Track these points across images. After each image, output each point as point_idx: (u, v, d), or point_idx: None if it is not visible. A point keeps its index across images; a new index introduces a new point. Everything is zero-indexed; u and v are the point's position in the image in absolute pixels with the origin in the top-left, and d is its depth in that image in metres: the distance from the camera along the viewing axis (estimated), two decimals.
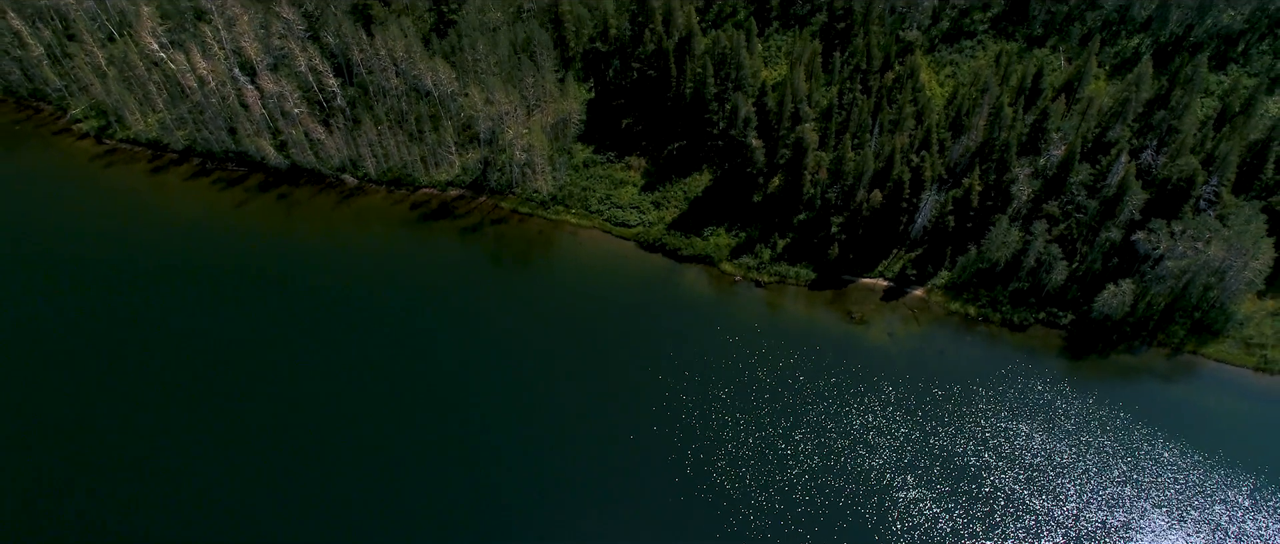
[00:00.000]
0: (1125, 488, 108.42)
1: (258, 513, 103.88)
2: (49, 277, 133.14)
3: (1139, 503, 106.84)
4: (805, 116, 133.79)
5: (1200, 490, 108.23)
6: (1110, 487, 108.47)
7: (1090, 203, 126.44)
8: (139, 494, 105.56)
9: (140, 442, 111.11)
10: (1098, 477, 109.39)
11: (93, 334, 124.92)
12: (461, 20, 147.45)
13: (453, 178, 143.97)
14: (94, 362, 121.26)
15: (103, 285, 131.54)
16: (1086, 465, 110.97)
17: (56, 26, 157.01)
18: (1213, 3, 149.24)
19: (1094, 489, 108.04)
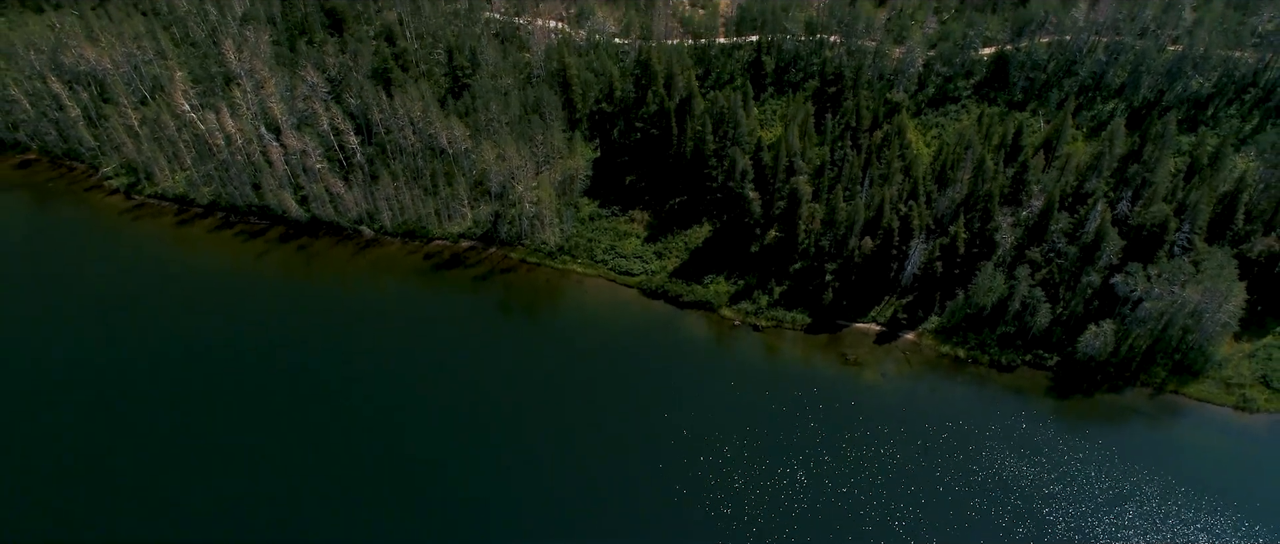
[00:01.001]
0: (1110, 518, 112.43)
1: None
2: (75, 317, 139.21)
3: (1124, 532, 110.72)
4: (799, 170, 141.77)
5: (1184, 521, 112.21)
6: (1096, 518, 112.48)
7: (1070, 249, 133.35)
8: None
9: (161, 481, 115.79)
10: (1084, 508, 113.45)
11: (115, 375, 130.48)
12: (475, 84, 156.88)
13: (465, 230, 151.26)
14: (115, 399, 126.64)
15: (126, 327, 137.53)
16: (1073, 497, 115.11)
17: (93, 91, 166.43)
18: (1181, 71, 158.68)
19: (1080, 518, 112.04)
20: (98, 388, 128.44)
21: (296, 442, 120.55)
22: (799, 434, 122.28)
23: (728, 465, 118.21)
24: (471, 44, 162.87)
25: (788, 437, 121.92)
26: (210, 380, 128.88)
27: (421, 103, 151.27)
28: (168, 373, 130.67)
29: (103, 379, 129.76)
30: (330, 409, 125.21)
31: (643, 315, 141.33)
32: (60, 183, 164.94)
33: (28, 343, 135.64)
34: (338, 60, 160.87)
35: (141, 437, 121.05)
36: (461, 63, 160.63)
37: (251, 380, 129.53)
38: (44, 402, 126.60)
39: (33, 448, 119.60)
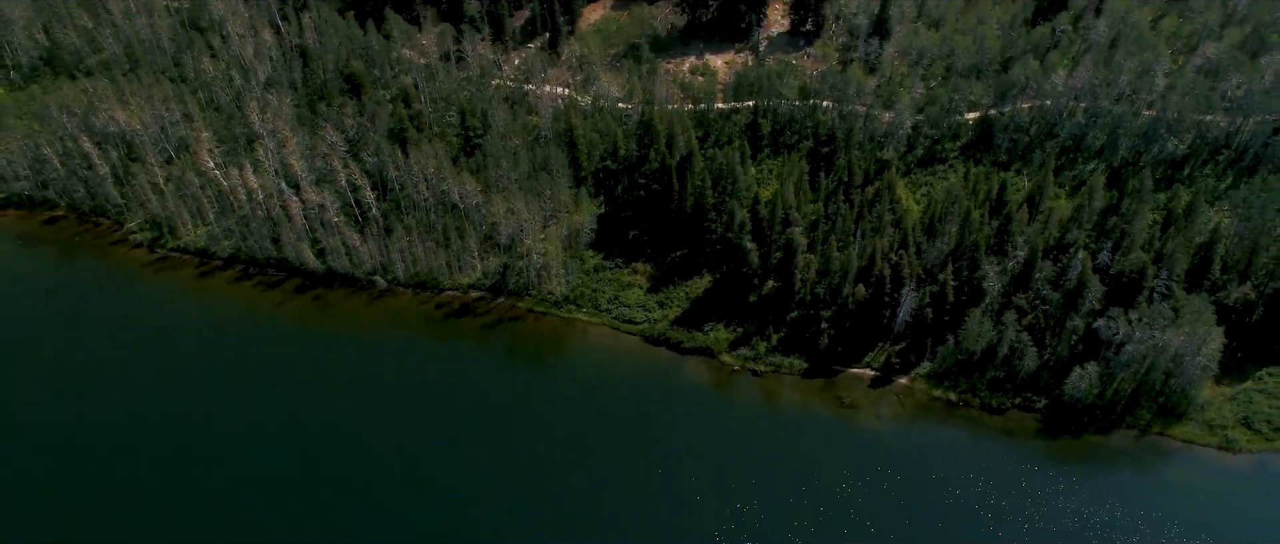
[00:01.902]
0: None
1: None
2: (92, 363, 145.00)
3: None
4: (795, 222, 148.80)
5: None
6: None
7: (1054, 296, 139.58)
8: None
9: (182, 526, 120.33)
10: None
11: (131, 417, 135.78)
12: (486, 143, 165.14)
13: (474, 281, 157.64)
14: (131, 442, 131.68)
15: (144, 372, 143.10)
16: (1064, 536, 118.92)
17: (121, 150, 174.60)
18: (1157, 133, 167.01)
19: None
20: (114, 431, 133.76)
21: (306, 482, 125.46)
22: (797, 474, 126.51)
23: (728, 504, 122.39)
24: (483, 107, 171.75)
25: (785, 477, 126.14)
26: (221, 423, 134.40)
27: (435, 160, 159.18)
28: (182, 416, 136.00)
29: (118, 422, 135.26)
30: (341, 452, 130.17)
31: (645, 361, 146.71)
32: (86, 237, 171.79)
33: (47, 388, 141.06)
34: (356, 121, 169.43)
35: (159, 480, 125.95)
36: (473, 124, 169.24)
37: (262, 423, 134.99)
38: (59, 442, 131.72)
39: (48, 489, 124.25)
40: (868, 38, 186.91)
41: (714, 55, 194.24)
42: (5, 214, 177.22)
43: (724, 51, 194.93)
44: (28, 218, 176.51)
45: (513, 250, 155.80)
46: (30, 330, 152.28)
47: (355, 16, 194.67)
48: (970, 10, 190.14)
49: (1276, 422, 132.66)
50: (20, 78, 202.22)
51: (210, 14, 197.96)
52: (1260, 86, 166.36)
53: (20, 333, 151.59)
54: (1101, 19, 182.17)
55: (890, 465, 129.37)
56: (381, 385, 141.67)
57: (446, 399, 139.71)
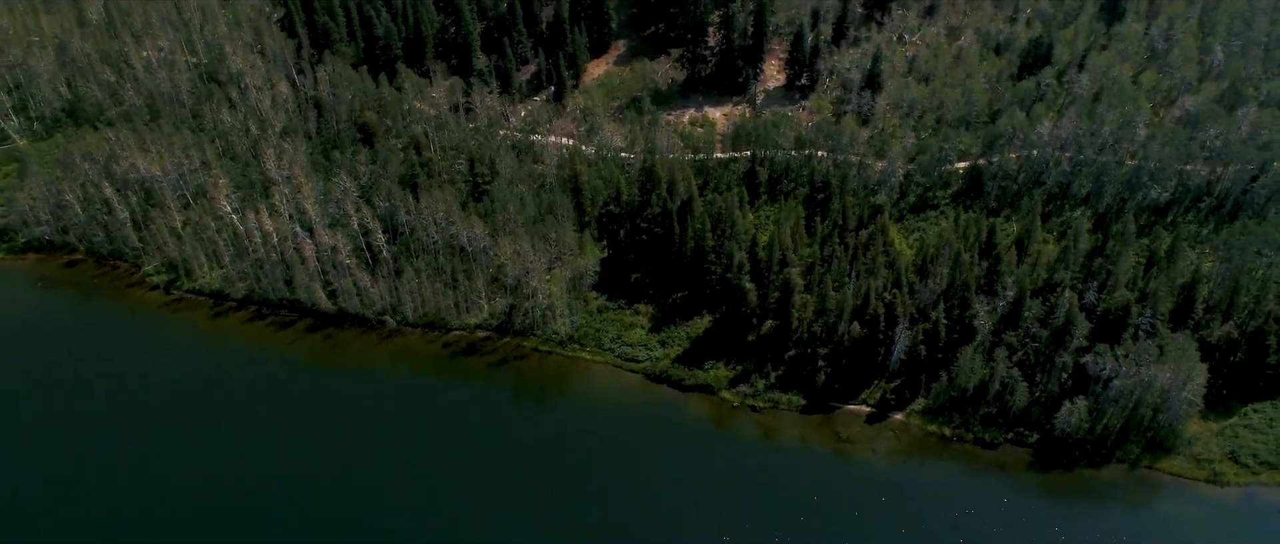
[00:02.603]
0: None
1: None
2: (107, 398, 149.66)
3: None
4: (792, 262, 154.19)
5: None
6: None
7: (1042, 333, 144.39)
8: None
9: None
10: None
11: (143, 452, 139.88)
12: (494, 189, 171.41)
13: (481, 321, 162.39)
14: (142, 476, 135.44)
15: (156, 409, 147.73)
16: None
17: (140, 196, 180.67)
18: (1140, 181, 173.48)
19: None
20: (123, 465, 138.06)
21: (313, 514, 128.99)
22: (795, 508, 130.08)
23: (728, 537, 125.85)
24: (491, 154, 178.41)
25: (784, 510, 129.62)
26: (231, 459, 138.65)
27: (445, 205, 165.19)
28: (193, 451, 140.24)
29: (129, 455, 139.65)
30: (348, 486, 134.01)
31: (647, 398, 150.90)
32: (104, 279, 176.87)
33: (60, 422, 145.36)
34: (369, 168, 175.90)
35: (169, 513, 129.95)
36: (481, 171, 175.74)
37: (271, 458, 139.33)
38: (68, 474, 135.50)
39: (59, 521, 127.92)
40: (860, 91, 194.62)
41: (713, 108, 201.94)
42: (25, 258, 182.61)
43: (722, 104, 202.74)
44: (47, 261, 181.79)
45: (519, 291, 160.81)
46: (46, 367, 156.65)
47: (368, 71, 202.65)
48: (958, 65, 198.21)
49: (1262, 455, 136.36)
50: (43, 129, 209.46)
51: (229, 68, 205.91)
52: (1238, 137, 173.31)
53: (36, 369, 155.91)
54: (1084, 73, 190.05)
55: (887, 499, 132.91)
56: (389, 421, 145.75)
57: (453, 434, 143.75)
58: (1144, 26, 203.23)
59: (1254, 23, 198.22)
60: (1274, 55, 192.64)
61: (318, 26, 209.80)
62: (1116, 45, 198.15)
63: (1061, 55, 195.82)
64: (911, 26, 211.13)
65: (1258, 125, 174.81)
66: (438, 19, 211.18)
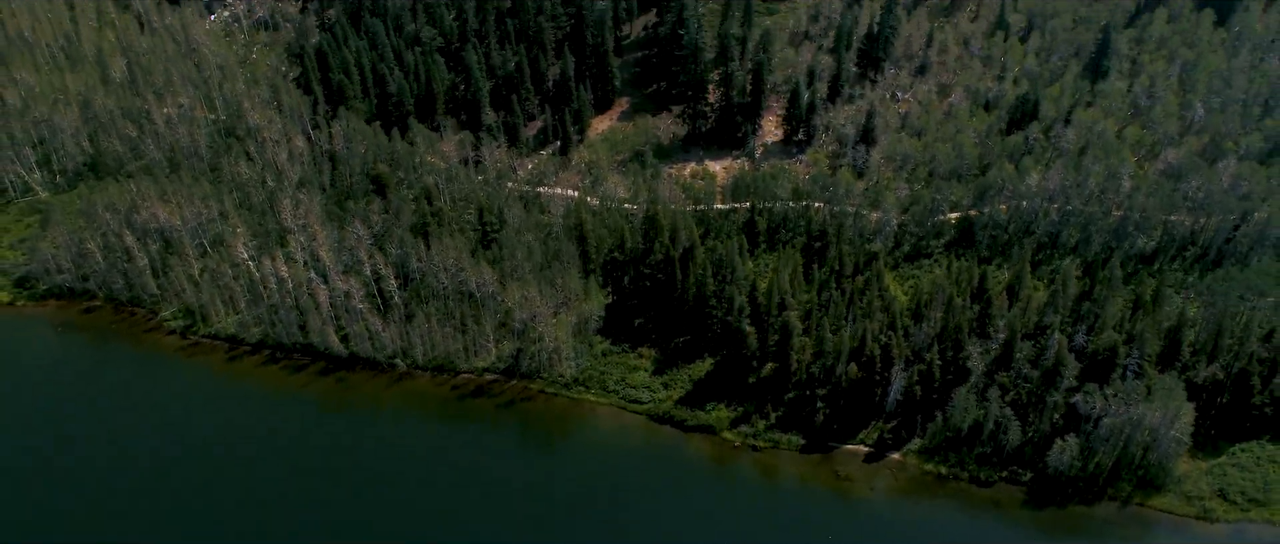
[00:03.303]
0: None
1: None
2: (120, 438, 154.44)
3: None
4: (790, 305, 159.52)
5: None
6: None
7: (1033, 373, 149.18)
8: None
9: None
10: None
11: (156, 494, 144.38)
12: (502, 237, 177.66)
13: (489, 364, 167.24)
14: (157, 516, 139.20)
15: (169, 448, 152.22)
16: None
17: (159, 245, 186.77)
18: (1126, 231, 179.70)
19: None
20: (135, 500, 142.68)
21: None
22: None
23: None
24: (499, 204, 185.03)
25: None
26: (241, 498, 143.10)
27: (455, 252, 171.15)
28: (203, 490, 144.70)
29: (139, 492, 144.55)
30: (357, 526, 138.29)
31: (650, 437, 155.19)
32: (122, 324, 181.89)
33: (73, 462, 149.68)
34: (381, 217, 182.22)
35: None
36: (490, 220, 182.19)
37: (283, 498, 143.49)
38: (82, 512, 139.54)
39: None
40: (855, 145, 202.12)
41: (713, 161, 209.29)
42: (46, 304, 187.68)
43: (722, 158, 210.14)
44: (67, 307, 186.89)
45: (526, 335, 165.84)
46: (62, 403, 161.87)
47: (381, 126, 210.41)
48: (949, 121, 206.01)
49: (1251, 493, 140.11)
50: (65, 182, 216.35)
51: (246, 124, 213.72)
52: (1219, 188, 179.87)
53: (53, 407, 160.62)
54: (1070, 128, 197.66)
55: (885, 537, 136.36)
56: (398, 462, 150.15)
57: (461, 474, 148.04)
58: (1127, 84, 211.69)
59: (1232, 81, 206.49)
60: (1251, 111, 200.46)
61: (333, 84, 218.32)
62: (1101, 102, 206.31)
63: (1048, 111, 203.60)
64: (903, 84, 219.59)
65: (1238, 177, 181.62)
66: (449, 77, 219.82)
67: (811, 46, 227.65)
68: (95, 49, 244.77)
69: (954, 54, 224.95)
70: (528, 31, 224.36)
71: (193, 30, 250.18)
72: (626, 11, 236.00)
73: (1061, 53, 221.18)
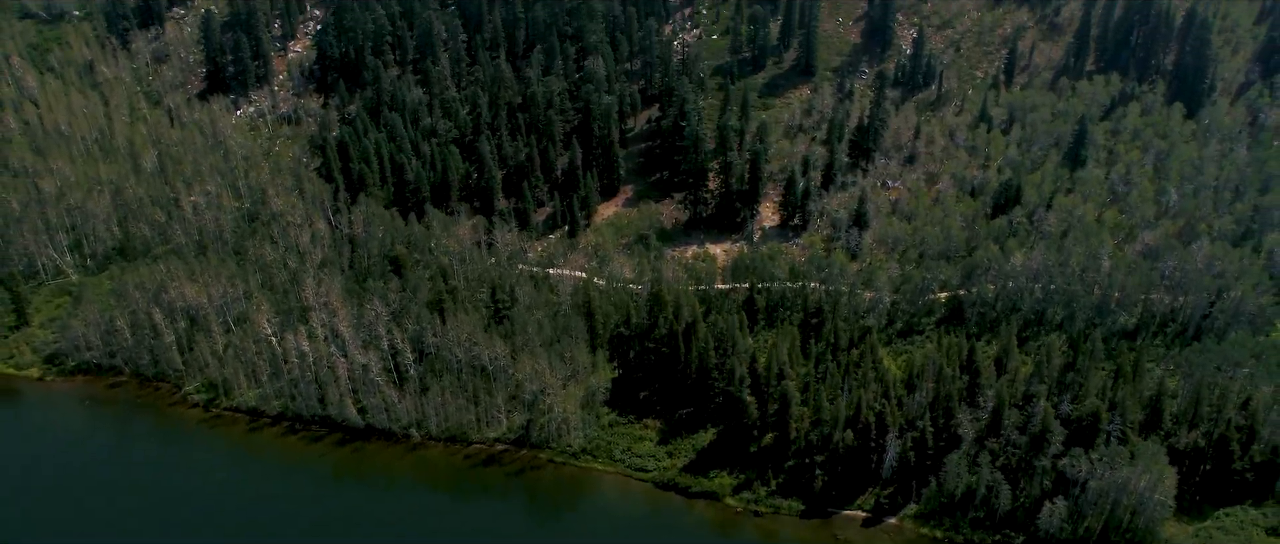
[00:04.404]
0: None
1: None
2: (142, 508, 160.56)
3: None
4: (789, 376, 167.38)
5: None
6: None
7: (1022, 439, 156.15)
8: None
9: None
10: None
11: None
12: (513, 314, 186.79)
13: (500, 434, 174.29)
14: None
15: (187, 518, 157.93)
16: None
17: (186, 322, 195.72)
18: (1109, 309, 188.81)
19: None
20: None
21: None
22: None
23: None
24: (511, 283, 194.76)
25: None
26: None
27: (469, 328, 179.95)
28: None
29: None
30: None
31: (655, 504, 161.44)
32: (147, 398, 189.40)
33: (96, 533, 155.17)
34: (399, 295, 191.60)
35: None
36: (502, 298, 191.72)
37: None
38: None
39: None
40: (848, 229, 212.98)
41: (714, 245, 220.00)
42: (74, 380, 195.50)
43: (723, 242, 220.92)
44: (94, 382, 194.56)
45: (536, 407, 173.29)
46: (86, 468, 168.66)
47: (399, 211, 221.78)
48: (937, 206, 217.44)
49: None
50: (95, 265, 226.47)
51: (270, 209, 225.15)
52: (1194, 268, 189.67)
53: (77, 481, 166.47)
54: (1051, 213, 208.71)
55: None
56: (413, 528, 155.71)
57: (474, 540, 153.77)
58: (1104, 172, 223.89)
59: (1203, 169, 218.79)
60: (1223, 196, 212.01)
61: (353, 173, 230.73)
62: (1080, 188, 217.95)
63: (1030, 197, 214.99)
64: (893, 173, 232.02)
65: (1211, 257, 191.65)
66: (463, 166, 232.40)
67: (806, 138, 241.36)
68: (128, 142, 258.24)
69: (940, 145, 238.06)
70: (538, 124, 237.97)
71: (220, 124, 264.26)
72: (630, 105, 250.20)
73: (1041, 143, 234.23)
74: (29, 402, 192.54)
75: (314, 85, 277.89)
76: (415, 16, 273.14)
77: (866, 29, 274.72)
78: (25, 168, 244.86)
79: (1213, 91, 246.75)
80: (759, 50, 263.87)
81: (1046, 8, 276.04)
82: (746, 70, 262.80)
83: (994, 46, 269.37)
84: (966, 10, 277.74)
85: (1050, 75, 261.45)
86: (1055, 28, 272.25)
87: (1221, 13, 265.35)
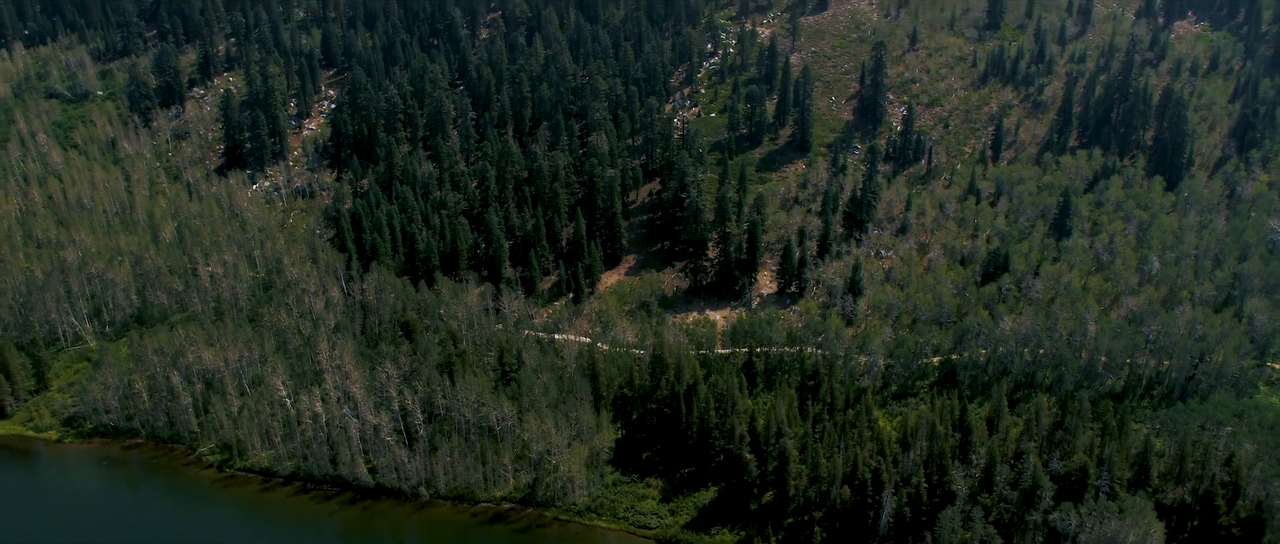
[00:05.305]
0: None
1: None
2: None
3: None
4: (787, 434, 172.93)
5: None
6: None
7: (1013, 495, 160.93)
8: None
9: None
10: None
11: None
12: (520, 376, 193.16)
13: (507, 493, 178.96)
14: None
15: None
16: None
17: (202, 385, 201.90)
18: (1096, 372, 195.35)
19: None
20: None
21: None
22: None
23: None
24: (518, 347, 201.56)
25: None
26: None
27: (477, 389, 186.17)
28: None
29: None
30: None
31: None
32: (162, 459, 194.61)
33: None
34: (410, 359, 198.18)
35: None
36: (509, 361, 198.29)
37: None
38: None
39: None
40: (843, 296, 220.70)
41: (713, 311, 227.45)
42: (91, 442, 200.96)
43: (722, 308, 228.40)
44: (110, 444, 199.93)
45: (542, 466, 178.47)
46: (102, 528, 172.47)
47: (410, 280, 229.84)
48: (929, 274, 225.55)
49: None
50: (113, 332, 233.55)
51: (285, 278, 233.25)
52: (1177, 332, 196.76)
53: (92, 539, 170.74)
54: (1039, 280, 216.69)
55: None
56: None
57: None
58: (1088, 242, 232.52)
59: (1183, 237, 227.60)
60: (1203, 265, 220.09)
61: (366, 243, 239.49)
62: (1066, 257, 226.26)
63: (1018, 266, 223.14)
64: (886, 243, 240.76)
65: (1192, 321, 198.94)
66: (472, 236, 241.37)
67: (801, 210, 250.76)
68: (148, 214, 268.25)
69: (931, 216, 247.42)
70: (543, 197, 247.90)
71: (237, 197, 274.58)
72: (633, 179, 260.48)
73: (1028, 215, 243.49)
74: (45, 463, 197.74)
75: (328, 161, 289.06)
76: (426, 96, 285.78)
77: (858, 107, 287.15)
78: (49, 239, 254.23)
79: (1191, 165, 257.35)
80: (756, 127, 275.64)
81: (1030, 87, 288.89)
82: (744, 146, 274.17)
83: (981, 123, 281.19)
84: (954, 89, 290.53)
85: (1035, 150, 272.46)
86: (1039, 106, 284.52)
87: (1197, 91, 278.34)
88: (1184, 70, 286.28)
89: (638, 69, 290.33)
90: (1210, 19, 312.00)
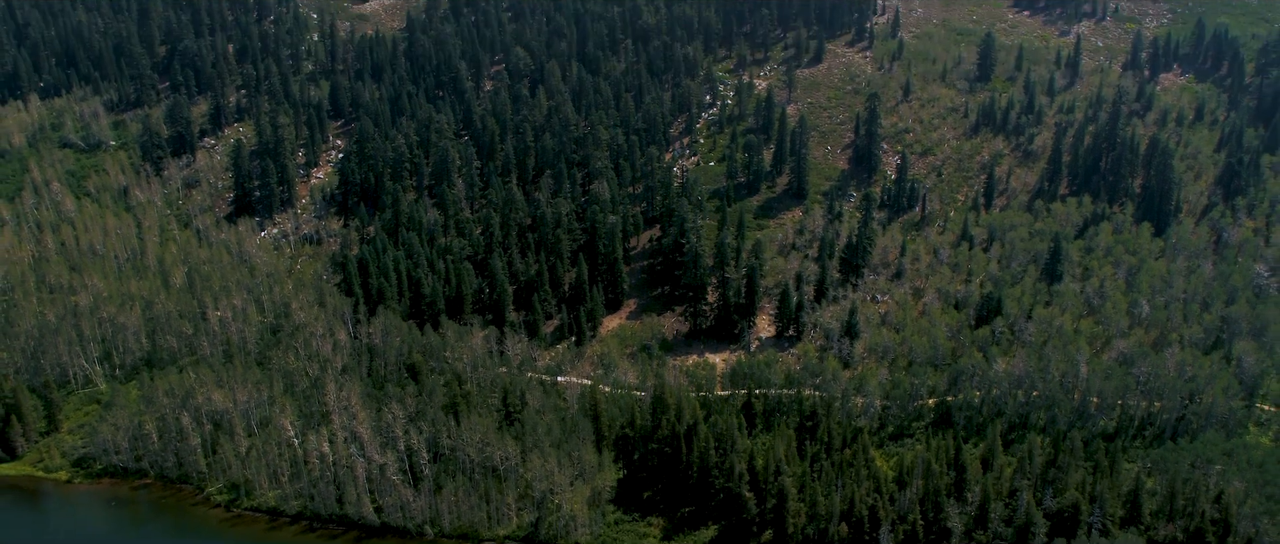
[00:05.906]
0: None
1: None
2: None
3: None
4: (786, 473, 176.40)
5: None
6: None
7: (1007, 531, 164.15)
8: None
9: None
10: None
11: None
12: (524, 417, 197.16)
13: (510, 531, 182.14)
14: None
15: None
16: None
17: (211, 425, 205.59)
18: (1089, 412, 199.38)
19: None
20: None
21: None
22: None
23: None
24: (521, 388, 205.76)
25: None
26: None
27: (482, 429, 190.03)
28: None
29: None
30: None
31: None
32: (170, 499, 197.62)
33: None
34: (416, 400, 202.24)
35: None
36: (513, 402, 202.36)
37: None
38: None
39: None
40: (840, 339, 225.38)
41: (713, 354, 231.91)
42: (101, 482, 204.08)
43: (721, 351, 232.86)
44: (119, 484, 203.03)
45: (545, 505, 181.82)
46: None
47: (416, 323, 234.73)
48: (924, 318, 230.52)
49: None
50: (122, 375, 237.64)
51: (293, 322, 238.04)
52: (1166, 374, 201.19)
53: None
54: (1031, 323, 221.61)
55: None
56: None
57: None
58: (1079, 286, 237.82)
59: (1172, 282, 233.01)
60: (1192, 308, 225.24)
61: (372, 288, 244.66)
62: (1057, 301, 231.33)
63: (1011, 309, 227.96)
64: (882, 288, 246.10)
65: (1182, 363, 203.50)
66: (476, 281, 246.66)
67: (798, 255, 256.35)
68: (158, 260, 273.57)
69: (925, 261, 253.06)
70: (546, 243, 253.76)
71: (246, 244, 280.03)
72: (633, 226, 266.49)
73: (1020, 260, 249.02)
74: (55, 503, 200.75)
75: (335, 208, 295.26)
76: (432, 145, 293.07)
77: (853, 156, 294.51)
78: (62, 284, 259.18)
79: (1178, 212, 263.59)
80: (753, 176, 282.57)
81: (1021, 137, 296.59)
82: (742, 194, 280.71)
83: (973, 172, 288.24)
84: (946, 139, 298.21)
85: (1026, 198, 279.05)
86: (1029, 155, 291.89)
87: (1183, 140, 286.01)
88: (1170, 121, 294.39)
89: (638, 119, 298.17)
90: (1195, 71, 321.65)
